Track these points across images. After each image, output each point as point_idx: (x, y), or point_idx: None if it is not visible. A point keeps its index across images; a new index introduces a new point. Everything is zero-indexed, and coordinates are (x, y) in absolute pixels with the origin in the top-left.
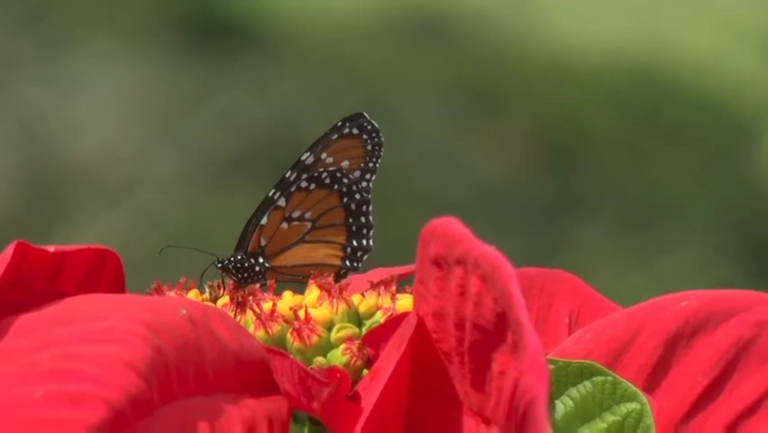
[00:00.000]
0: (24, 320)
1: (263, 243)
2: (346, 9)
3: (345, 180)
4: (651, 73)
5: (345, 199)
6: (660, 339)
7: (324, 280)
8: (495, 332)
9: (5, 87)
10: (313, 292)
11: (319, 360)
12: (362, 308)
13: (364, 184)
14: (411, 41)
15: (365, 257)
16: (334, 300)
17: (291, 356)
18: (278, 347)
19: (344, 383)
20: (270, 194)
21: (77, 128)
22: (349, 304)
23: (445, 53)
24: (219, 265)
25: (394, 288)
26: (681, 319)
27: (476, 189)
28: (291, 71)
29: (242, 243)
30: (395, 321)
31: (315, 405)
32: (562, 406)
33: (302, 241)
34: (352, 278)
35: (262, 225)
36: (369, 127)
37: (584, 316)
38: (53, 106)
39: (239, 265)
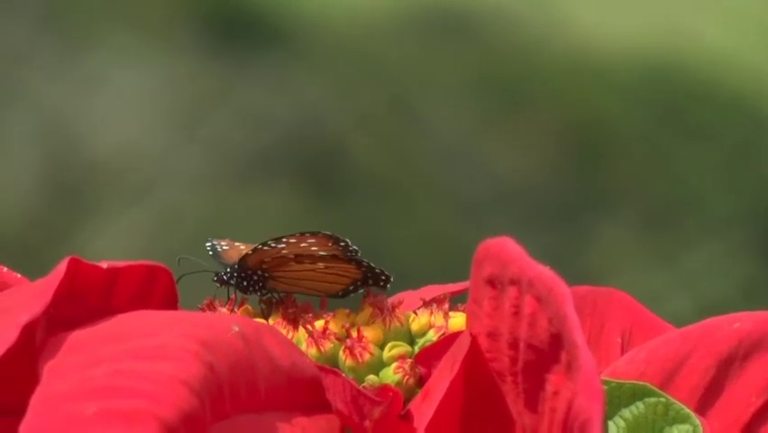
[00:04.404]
0: (77, 337)
1: (265, 264)
2: (370, 6)
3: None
4: (673, 70)
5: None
6: (713, 360)
7: (376, 299)
8: (549, 352)
9: (28, 84)
10: (365, 310)
11: (371, 378)
12: (415, 327)
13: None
14: (435, 39)
15: (387, 285)
16: (387, 318)
17: (343, 375)
18: (330, 365)
19: (396, 402)
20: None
21: (99, 125)
22: (401, 322)
23: (469, 50)
24: (215, 279)
25: (447, 306)
26: (734, 340)
27: (499, 187)
28: (315, 68)
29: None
30: (448, 340)
31: (366, 424)
32: (615, 427)
33: (311, 270)
34: (405, 295)
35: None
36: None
37: (636, 335)
38: (76, 104)
39: (234, 274)
